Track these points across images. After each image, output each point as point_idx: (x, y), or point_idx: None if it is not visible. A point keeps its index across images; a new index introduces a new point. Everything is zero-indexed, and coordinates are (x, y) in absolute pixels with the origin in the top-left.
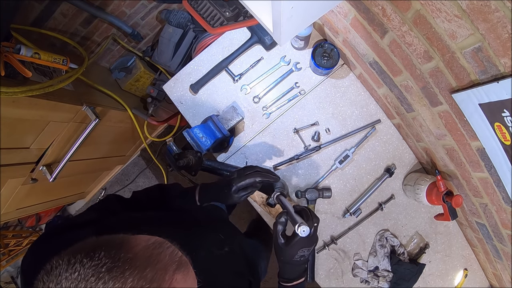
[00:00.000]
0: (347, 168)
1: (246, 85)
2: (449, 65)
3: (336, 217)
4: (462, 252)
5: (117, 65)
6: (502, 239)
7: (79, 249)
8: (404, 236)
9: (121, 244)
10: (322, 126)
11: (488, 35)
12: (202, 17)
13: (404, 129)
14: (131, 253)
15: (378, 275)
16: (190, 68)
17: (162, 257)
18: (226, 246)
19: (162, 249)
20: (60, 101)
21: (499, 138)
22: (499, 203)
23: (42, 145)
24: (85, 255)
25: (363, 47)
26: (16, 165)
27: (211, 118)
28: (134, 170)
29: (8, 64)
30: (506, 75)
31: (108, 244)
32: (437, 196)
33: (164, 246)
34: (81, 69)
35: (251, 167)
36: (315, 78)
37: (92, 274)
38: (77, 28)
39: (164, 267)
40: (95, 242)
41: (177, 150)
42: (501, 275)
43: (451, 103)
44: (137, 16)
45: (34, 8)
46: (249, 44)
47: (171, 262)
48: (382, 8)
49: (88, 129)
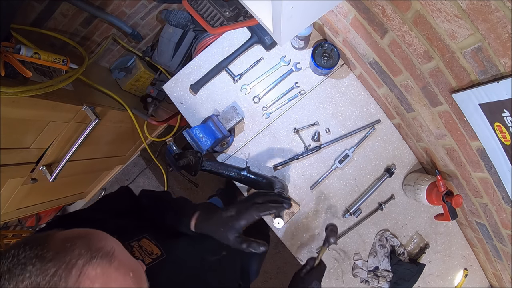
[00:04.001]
0: (347, 168)
1: (246, 85)
2: (449, 65)
3: (336, 217)
4: (462, 252)
5: (117, 65)
6: (502, 239)
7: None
8: (404, 236)
9: (45, 238)
10: (322, 126)
11: (488, 35)
12: (202, 17)
13: (404, 129)
14: (46, 248)
15: (378, 275)
16: (190, 68)
17: (71, 249)
18: (224, 250)
19: (78, 241)
20: (60, 101)
21: (499, 138)
22: (499, 203)
23: (42, 145)
24: (17, 247)
25: (363, 47)
26: (16, 165)
27: (211, 118)
28: (134, 170)
29: (8, 64)
30: (506, 75)
31: (37, 239)
32: (437, 196)
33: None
34: (81, 69)
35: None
36: (315, 78)
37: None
38: (77, 28)
39: (69, 260)
40: (31, 237)
41: (177, 150)
42: (501, 275)
43: (451, 103)
44: (137, 16)
45: (34, 8)
46: (249, 44)
47: (80, 253)
48: (382, 8)
49: (88, 129)
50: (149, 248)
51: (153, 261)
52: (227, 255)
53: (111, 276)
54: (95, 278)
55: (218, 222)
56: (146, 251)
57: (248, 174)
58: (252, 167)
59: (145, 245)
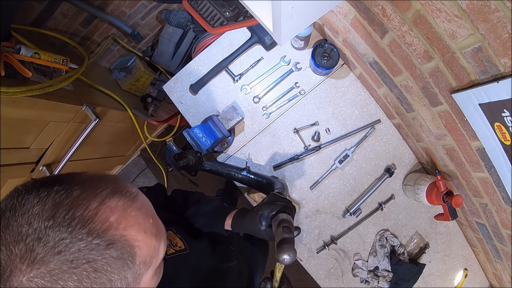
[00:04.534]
0: (347, 168)
1: (246, 85)
2: (449, 65)
3: (336, 217)
4: (462, 252)
5: (117, 65)
6: (502, 239)
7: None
8: (404, 236)
9: (75, 173)
10: (322, 126)
11: (488, 35)
12: (202, 17)
13: (404, 129)
14: (76, 177)
15: (378, 275)
16: (190, 68)
17: (99, 181)
18: (235, 259)
19: (106, 178)
20: (60, 101)
21: (499, 138)
22: (499, 203)
23: (42, 145)
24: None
25: (363, 47)
26: (16, 165)
27: (211, 118)
28: (134, 170)
29: (8, 64)
30: (506, 75)
31: (69, 173)
32: (437, 196)
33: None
34: (81, 69)
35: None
36: (315, 78)
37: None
38: (77, 28)
39: (95, 188)
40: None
41: (177, 150)
42: (501, 275)
43: (451, 103)
44: (137, 16)
45: (34, 8)
46: (249, 44)
47: (106, 187)
48: (382, 8)
49: (88, 129)
50: (174, 240)
51: (176, 253)
52: (237, 264)
53: (131, 214)
54: (115, 210)
55: (252, 216)
56: (171, 241)
57: (248, 174)
58: (252, 167)
59: (169, 237)
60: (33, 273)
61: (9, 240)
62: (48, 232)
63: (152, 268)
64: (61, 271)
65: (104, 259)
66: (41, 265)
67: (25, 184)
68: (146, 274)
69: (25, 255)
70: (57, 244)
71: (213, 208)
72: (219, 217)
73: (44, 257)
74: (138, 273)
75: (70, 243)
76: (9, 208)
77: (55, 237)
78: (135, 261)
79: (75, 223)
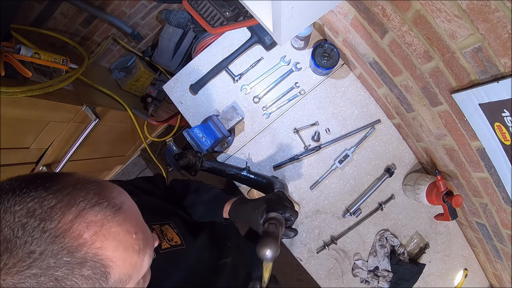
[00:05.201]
0: (347, 168)
1: (246, 85)
2: (449, 65)
3: (336, 217)
4: (462, 252)
5: (117, 65)
6: (502, 239)
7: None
8: (404, 236)
9: (62, 174)
10: (322, 126)
11: (488, 35)
12: (202, 17)
13: (404, 129)
14: (57, 181)
15: (378, 275)
16: (190, 68)
17: (80, 189)
18: (231, 256)
19: (90, 185)
20: (60, 101)
21: (499, 138)
22: (499, 203)
23: (42, 145)
24: (32, 175)
25: (363, 47)
26: (16, 165)
27: (211, 118)
28: (134, 170)
29: (8, 64)
30: (506, 75)
31: (55, 173)
32: (437, 196)
33: (99, 184)
34: (81, 69)
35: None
36: (315, 78)
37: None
38: (77, 28)
39: (73, 198)
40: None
41: (177, 150)
42: (501, 275)
43: (451, 103)
44: (137, 16)
45: (34, 8)
46: (249, 44)
47: (85, 197)
48: (382, 8)
49: (88, 129)
50: (170, 235)
51: (171, 248)
52: (232, 261)
53: (110, 229)
54: (91, 225)
55: (255, 205)
56: (167, 236)
57: (248, 174)
58: (252, 167)
59: (166, 231)
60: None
61: None
62: (17, 242)
63: (132, 283)
64: (27, 286)
65: (74, 278)
66: (7, 275)
67: (4, 183)
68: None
69: None
70: (25, 257)
71: (213, 196)
72: (218, 203)
73: (11, 268)
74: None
75: (38, 258)
76: None
77: (24, 249)
78: (109, 280)
79: (46, 236)
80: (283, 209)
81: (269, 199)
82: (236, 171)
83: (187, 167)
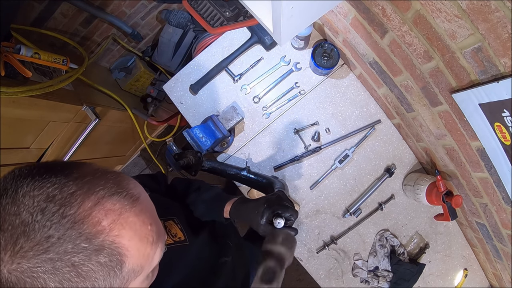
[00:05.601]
0: (347, 168)
1: (246, 85)
2: (449, 65)
3: (336, 217)
4: (462, 252)
5: (117, 65)
6: (502, 239)
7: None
8: (404, 236)
9: (80, 163)
10: (322, 126)
11: (488, 35)
12: (202, 17)
13: (404, 129)
14: (76, 169)
15: (378, 275)
16: (190, 68)
17: (99, 178)
18: (231, 255)
19: (109, 174)
20: (60, 101)
21: (499, 138)
22: (499, 203)
23: (42, 145)
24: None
25: (363, 47)
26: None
27: (211, 118)
28: (134, 170)
29: (8, 64)
30: (506, 75)
31: (74, 162)
32: (437, 196)
33: (117, 175)
34: (81, 69)
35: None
36: (315, 78)
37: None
38: (77, 28)
39: (93, 186)
40: (63, 162)
41: (177, 150)
42: (501, 275)
43: (451, 103)
44: (137, 16)
45: (34, 8)
46: (249, 44)
47: (105, 186)
48: (382, 8)
49: (88, 129)
50: (174, 230)
51: (174, 243)
52: (232, 260)
53: (127, 219)
54: (110, 213)
55: (256, 205)
56: (170, 232)
57: (248, 174)
58: (252, 167)
59: (170, 227)
60: (14, 266)
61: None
62: (35, 226)
63: (143, 274)
64: (43, 270)
65: (91, 264)
66: (23, 259)
67: (23, 168)
68: (135, 280)
69: (8, 246)
70: (43, 241)
71: (214, 195)
72: (219, 203)
73: (27, 251)
74: (125, 279)
75: (56, 242)
76: (1, 192)
77: (42, 234)
78: (123, 269)
79: (65, 221)
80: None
81: (269, 199)
82: (236, 171)
83: (187, 167)
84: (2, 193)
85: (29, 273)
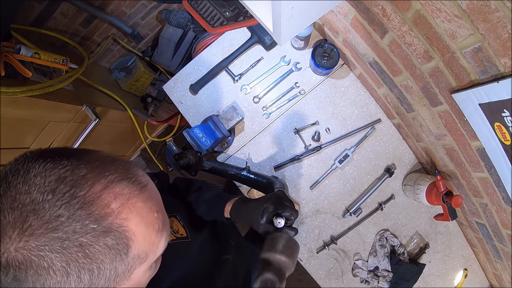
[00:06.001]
0: (347, 168)
1: (246, 85)
2: (449, 65)
3: (336, 217)
4: (462, 252)
5: (117, 65)
6: (502, 239)
7: None
8: (404, 236)
9: (90, 150)
10: (322, 126)
11: (488, 35)
12: (202, 17)
13: (404, 129)
14: (88, 154)
15: (378, 275)
16: (190, 68)
17: (110, 163)
18: (232, 254)
19: (119, 161)
20: (60, 101)
21: (499, 138)
22: (499, 203)
23: (42, 145)
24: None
25: (363, 47)
26: None
27: (211, 118)
28: None
29: (8, 64)
30: (506, 75)
31: (84, 149)
32: (437, 196)
33: (126, 162)
34: (81, 69)
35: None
36: (315, 78)
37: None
38: (77, 28)
39: (103, 170)
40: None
41: (177, 150)
42: (501, 275)
43: (451, 103)
44: (137, 16)
45: (34, 8)
46: (249, 44)
47: (115, 171)
48: (382, 8)
49: (88, 129)
50: (176, 227)
51: (176, 240)
52: (233, 259)
53: (135, 204)
54: (119, 196)
55: (256, 205)
56: (172, 228)
57: (248, 174)
58: (252, 167)
59: (172, 223)
60: (22, 244)
61: (5, 205)
62: (45, 205)
63: (147, 263)
64: (50, 249)
65: (98, 246)
66: (31, 237)
67: (34, 151)
68: (139, 268)
69: (17, 224)
70: (52, 220)
71: (215, 195)
72: (220, 203)
73: (36, 230)
74: (130, 265)
75: (65, 222)
76: (13, 173)
77: (51, 213)
78: (129, 253)
79: (75, 202)
80: (283, 209)
81: (269, 198)
82: (236, 171)
83: (187, 167)
84: (14, 173)
85: (36, 251)
